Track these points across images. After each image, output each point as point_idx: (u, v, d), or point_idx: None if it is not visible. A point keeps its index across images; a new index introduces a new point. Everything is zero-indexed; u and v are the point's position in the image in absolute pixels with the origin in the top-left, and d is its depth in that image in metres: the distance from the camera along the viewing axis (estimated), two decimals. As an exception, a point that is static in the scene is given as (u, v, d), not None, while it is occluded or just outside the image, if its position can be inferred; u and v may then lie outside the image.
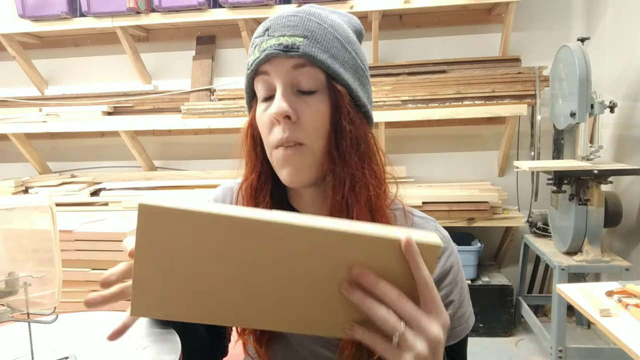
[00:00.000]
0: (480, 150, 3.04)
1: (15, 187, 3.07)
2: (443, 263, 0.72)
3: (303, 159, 0.66)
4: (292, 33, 0.64)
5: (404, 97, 2.77)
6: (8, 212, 0.67)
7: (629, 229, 2.44)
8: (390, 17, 2.99)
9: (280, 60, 0.64)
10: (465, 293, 0.75)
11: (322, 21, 0.67)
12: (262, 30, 0.67)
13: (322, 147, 0.66)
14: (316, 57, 0.64)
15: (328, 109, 0.66)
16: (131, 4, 2.77)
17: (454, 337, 0.72)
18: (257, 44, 0.67)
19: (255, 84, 0.68)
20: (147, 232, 0.48)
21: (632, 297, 1.53)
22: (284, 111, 0.63)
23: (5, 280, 0.63)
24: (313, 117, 0.65)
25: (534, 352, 2.58)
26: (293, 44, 0.64)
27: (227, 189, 0.82)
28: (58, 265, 0.68)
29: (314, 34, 0.65)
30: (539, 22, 2.91)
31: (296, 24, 0.65)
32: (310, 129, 0.65)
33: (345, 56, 0.67)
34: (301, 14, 0.66)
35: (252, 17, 2.83)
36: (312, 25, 0.65)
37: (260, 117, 0.68)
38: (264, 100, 0.68)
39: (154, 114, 3.14)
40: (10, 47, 3.09)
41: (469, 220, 2.69)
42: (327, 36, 0.66)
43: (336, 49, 0.66)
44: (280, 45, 0.64)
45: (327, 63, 0.65)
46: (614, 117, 2.55)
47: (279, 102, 0.64)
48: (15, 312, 0.63)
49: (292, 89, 0.65)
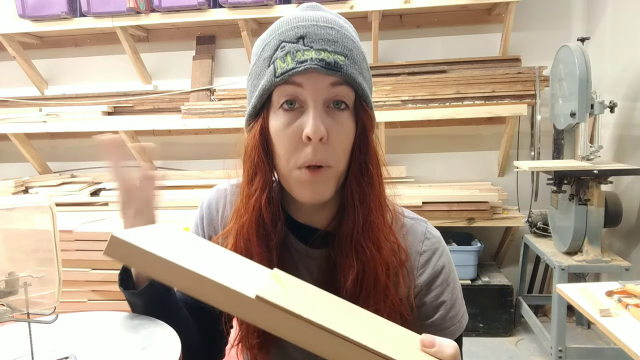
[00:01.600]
0: (480, 150, 3.04)
1: (15, 187, 3.07)
2: (434, 264, 0.72)
3: (327, 181, 0.65)
4: (334, 49, 0.62)
5: (404, 97, 2.77)
6: (8, 212, 0.67)
7: (629, 229, 2.44)
8: (390, 17, 2.99)
9: (318, 76, 0.62)
10: (458, 292, 0.75)
11: (354, 38, 0.67)
12: (295, 36, 0.63)
13: (344, 167, 0.66)
14: (356, 79, 0.64)
15: (354, 129, 0.66)
16: (131, 4, 2.77)
17: (447, 336, 0.72)
18: (289, 50, 0.62)
19: (279, 91, 0.64)
20: (117, 258, 0.51)
21: (632, 297, 1.53)
22: (321, 133, 0.61)
23: (5, 280, 0.63)
24: (342, 138, 0.64)
25: (534, 352, 2.58)
26: (335, 62, 0.62)
27: (220, 191, 0.82)
28: (58, 265, 0.68)
29: (352, 53, 0.64)
30: (539, 22, 2.91)
31: (336, 39, 0.63)
32: (338, 150, 0.64)
33: (368, 76, 0.69)
34: (337, 27, 0.65)
35: (252, 17, 2.83)
36: (349, 43, 0.65)
37: (283, 131, 0.64)
38: (287, 111, 0.64)
39: (154, 114, 3.14)
40: (10, 47, 3.09)
41: (469, 220, 2.69)
42: (360, 56, 0.66)
43: (365, 69, 0.67)
44: (322, 62, 0.61)
45: (362, 86, 0.65)
46: (614, 117, 2.55)
47: (316, 122, 0.61)
48: (15, 312, 0.63)
49: (324, 106, 0.64)
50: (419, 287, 0.72)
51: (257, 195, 0.68)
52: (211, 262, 0.55)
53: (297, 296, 0.52)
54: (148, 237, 0.54)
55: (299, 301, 0.50)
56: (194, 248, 0.59)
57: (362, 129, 0.66)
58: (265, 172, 0.68)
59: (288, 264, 0.72)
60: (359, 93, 0.65)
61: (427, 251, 0.73)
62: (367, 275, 0.66)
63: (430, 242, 0.73)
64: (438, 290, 0.72)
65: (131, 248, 0.50)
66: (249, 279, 0.54)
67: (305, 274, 0.73)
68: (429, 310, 0.72)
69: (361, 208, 0.66)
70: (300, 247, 0.73)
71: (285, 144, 0.64)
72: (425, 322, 0.73)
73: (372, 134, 0.67)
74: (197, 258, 0.53)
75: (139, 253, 0.50)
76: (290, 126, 0.64)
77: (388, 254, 0.68)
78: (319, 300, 0.55)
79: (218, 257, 0.58)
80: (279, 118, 0.65)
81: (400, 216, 0.74)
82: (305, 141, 0.62)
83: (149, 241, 0.52)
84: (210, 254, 0.58)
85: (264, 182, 0.68)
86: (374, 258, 0.66)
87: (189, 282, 0.48)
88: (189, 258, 0.51)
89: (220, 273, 0.50)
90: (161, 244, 0.53)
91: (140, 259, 0.50)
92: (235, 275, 0.53)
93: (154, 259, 0.49)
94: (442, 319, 0.72)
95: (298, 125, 0.63)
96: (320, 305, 0.53)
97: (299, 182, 0.65)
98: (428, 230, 0.75)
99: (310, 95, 0.62)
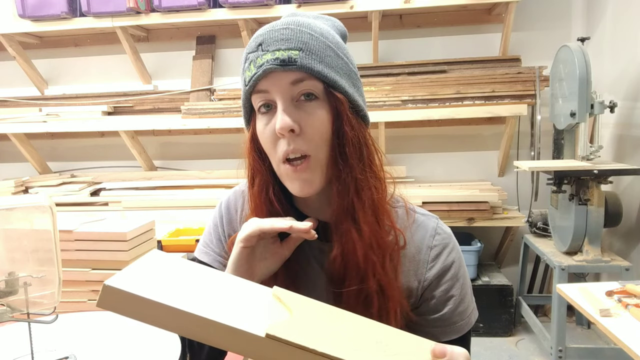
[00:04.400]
0: (480, 150, 3.04)
1: (15, 187, 3.07)
2: (444, 259, 0.73)
3: (311, 171, 0.67)
4: (287, 46, 0.65)
5: (404, 97, 2.76)
6: (8, 212, 0.67)
7: (629, 229, 2.44)
8: (390, 17, 2.99)
9: (278, 75, 0.65)
10: (468, 289, 0.76)
11: (313, 31, 0.68)
12: (255, 45, 0.67)
13: (327, 155, 0.68)
14: (314, 69, 0.65)
15: (329, 116, 0.67)
16: (131, 4, 2.77)
17: (456, 331, 0.73)
18: (251, 59, 0.67)
19: (254, 98, 0.69)
20: (109, 307, 0.48)
21: (632, 297, 1.53)
22: (289, 125, 0.64)
23: (5, 280, 0.63)
24: (315, 126, 0.67)
25: (534, 352, 2.58)
26: (289, 57, 0.64)
27: (238, 192, 0.84)
28: (58, 265, 0.68)
29: (307, 45, 0.66)
30: (539, 22, 2.91)
31: (289, 37, 0.66)
32: (314, 138, 0.67)
33: (339, 63, 0.69)
34: (292, 26, 0.67)
35: (252, 17, 2.83)
36: (304, 36, 0.66)
37: (263, 132, 0.69)
38: (264, 114, 0.68)
39: (154, 114, 3.14)
40: (10, 47, 3.09)
41: (469, 220, 2.69)
42: (321, 46, 0.67)
43: (330, 57, 0.68)
44: (276, 60, 0.64)
45: (324, 73, 0.66)
46: (614, 117, 2.55)
47: (282, 116, 0.65)
48: (15, 312, 0.63)
49: (292, 101, 0.66)
50: (429, 280, 0.73)
51: (259, 195, 0.72)
52: (211, 297, 0.53)
53: (305, 323, 0.51)
54: (142, 279, 0.51)
55: (308, 329, 0.49)
56: (190, 282, 0.56)
57: (337, 115, 0.68)
58: (263, 173, 0.72)
59: (300, 258, 0.74)
60: (325, 81, 0.67)
61: (437, 246, 0.74)
62: (349, 255, 0.68)
63: (440, 237, 0.75)
64: (447, 285, 0.73)
65: (127, 296, 0.47)
66: (253, 310, 0.52)
67: (317, 267, 0.75)
68: (438, 304, 0.73)
69: (339, 191, 0.68)
70: (312, 242, 0.74)
71: (267, 142, 0.69)
72: (434, 316, 0.73)
73: (348, 118, 0.68)
74: (196, 295, 0.51)
75: (136, 301, 0.47)
76: (267, 126, 0.68)
77: (374, 235, 0.69)
78: (326, 321, 0.54)
79: (216, 287, 0.56)
80: (260, 121, 0.69)
81: (412, 212, 0.76)
82: (279, 136, 0.66)
83: (145, 285, 0.49)
84: (208, 286, 0.56)
85: (265, 182, 0.72)
86: (353, 239, 0.68)
87: (193, 327, 0.47)
88: (189, 298, 0.49)
89: (224, 310, 0.49)
90: (158, 285, 0.50)
91: (138, 308, 0.47)
92: (239, 310, 0.51)
93: (154, 306, 0.47)
94: (451, 313, 0.73)
95: (272, 124, 0.67)
96: (328, 328, 0.52)
97: (287, 177, 0.69)
98: (439, 226, 0.76)
99: (276, 94, 0.66)
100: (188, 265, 0.60)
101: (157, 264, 0.57)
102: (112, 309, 0.47)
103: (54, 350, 0.63)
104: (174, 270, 0.57)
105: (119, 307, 0.47)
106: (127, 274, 0.51)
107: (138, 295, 0.47)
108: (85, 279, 2.19)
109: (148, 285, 0.49)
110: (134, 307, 0.47)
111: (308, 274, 0.74)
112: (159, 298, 0.47)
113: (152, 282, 0.51)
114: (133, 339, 0.65)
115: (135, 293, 0.47)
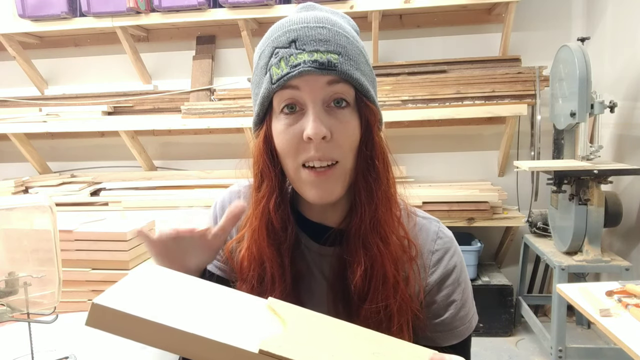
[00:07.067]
0: (480, 150, 3.04)
1: (15, 187, 3.07)
2: (446, 263, 0.73)
3: (335, 179, 0.65)
4: (326, 49, 0.62)
5: (404, 97, 2.76)
6: (8, 212, 0.67)
7: (629, 229, 2.44)
8: (390, 17, 2.98)
9: (314, 77, 0.62)
10: (469, 293, 0.75)
11: (347, 33, 0.66)
12: (287, 41, 0.63)
13: (352, 163, 0.66)
14: (352, 75, 0.63)
15: (358, 125, 0.66)
16: (131, 4, 2.77)
17: (457, 336, 0.73)
18: (282, 55, 0.63)
19: (277, 97, 0.65)
20: (100, 326, 0.47)
21: (632, 297, 1.53)
22: (322, 132, 0.62)
23: (5, 280, 0.63)
24: (346, 135, 0.64)
25: (534, 352, 2.58)
26: (329, 61, 0.62)
27: (234, 192, 0.81)
28: (58, 265, 0.68)
29: (346, 50, 0.64)
30: (539, 22, 2.91)
31: (327, 38, 0.63)
32: (344, 147, 0.64)
33: (367, 70, 0.68)
34: (328, 26, 0.64)
35: (252, 17, 2.83)
36: (341, 39, 0.64)
37: (283, 133, 0.65)
38: (287, 114, 0.65)
39: (154, 114, 3.14)
40: (10, 47, 3.09)
41: (469, 220, 2.69)
42: (355, 51, 0.65)
43: (363, 64, 0.67)
44: (315, 63, 0.61)
45: (360, 81, 0.65)
46: (614, 117, 2.55)
47: (315, 122, 0.62)
48: (15, 312, 0.63)
49: (323, 106, 0.64)
50: (430, 285, 0.72)
51: (265, 201, 0.69)
52: (204, 312, 0.52)
53: (299, 337, 0.51)
54: (132, 296, 0.50)
55: (303, 343, 0.49)
56: (182, 296, 0.55)
57: (366, 125, 0.66)
58: (272, 178, 0.68)
59: (300, 263, 0.73)
60: (358, 89, 0.65)
61: (439, 250, 0.73)
62: (375, 271, 0.67)
63: (442, 241, 0.74)
64: (449, 290, 0.72)
65: (117, 315, 0.46)
66: (247, 324, 0.52)
67: (317, 272, 0.73)
68: (439, 309, 0.73)
69: (368, 204, 0.67)
70: (312, 246, 0.73)
71: (287, 145, 0.65)
72: (435, 321, 0.73)
73: (377, 129, 0.67)
74: (189, 311, 0.50)
75: (126, 319, 0.46)
76: (291, 127, 0.64)
77: (396, 249, 0.68)
78: (321, 333, 0.53)
79: (209, 301, 0.55)
80: (280, 121, 0.65)
81: (413, 215, 0.75)
82: (306, 141, 0.63)
83: (135, 302, 0.48)
84: (200, 300, 0.55)
85: (271, 189, 0.69)
86: (381, 254, 0.66)
87: (186, 345, 0.46)
88: (181, 314, 0.48)
89: (217, 326, 0.48)
90: (148, 302, 0.49)
91: (129, 326, 0.46)
92: (232, 324, 0.51)
93: (144, 324, 0.46)
94: (452, 318, 0.72)
95: (299, 126, 0.63)
96: (324, 341, 0.52)
97: (307, 182, 0.65)
98: (440, 229, 0.75)
99: (308, 96, 0.63)
100: (180, 278, 0.59)
101: (147, 279, 0.55)
102: (103, 328, 0.46)
103: (54, 350, 0.63)
104: (166, 284, 0.56)
105: (110, 326, 0.46)
106: (117, 291, 0.50)
107: (128, 313, 0.46)
108: (85, 279, 2.20)
109: (138, 303, 0.48)
110: (124, 326, 0.46)
111: (306, 277, 0.73)
112: (150, 316, 0.46)
113: (142, 299, 0.50)
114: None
115: (126, 311, 0.46)
